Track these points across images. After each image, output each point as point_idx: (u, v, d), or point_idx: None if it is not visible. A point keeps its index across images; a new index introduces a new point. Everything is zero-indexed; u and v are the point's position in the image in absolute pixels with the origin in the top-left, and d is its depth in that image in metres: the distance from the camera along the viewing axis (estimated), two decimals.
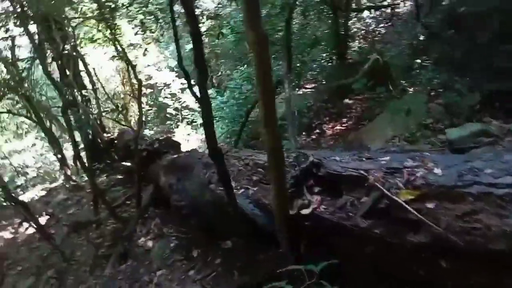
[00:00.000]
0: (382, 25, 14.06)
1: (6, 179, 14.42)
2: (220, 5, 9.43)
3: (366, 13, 14.20)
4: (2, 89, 8.37)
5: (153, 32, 9.45)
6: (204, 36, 9.97)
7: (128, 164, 9.88)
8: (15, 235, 9.49)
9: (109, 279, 5.52)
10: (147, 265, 5.51)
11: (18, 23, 7.72)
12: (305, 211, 2.81)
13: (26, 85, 9.64)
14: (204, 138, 13.87)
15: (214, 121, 12.73)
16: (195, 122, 13.28)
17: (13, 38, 8.85)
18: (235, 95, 10.94)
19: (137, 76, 6.87)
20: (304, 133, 8.54)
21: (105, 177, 10.47)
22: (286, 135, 6.79)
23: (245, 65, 10.99)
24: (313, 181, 2.95)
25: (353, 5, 12.64)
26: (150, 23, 9.13)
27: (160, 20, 8.15)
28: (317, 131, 8.59)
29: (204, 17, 9.66)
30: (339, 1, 10.79)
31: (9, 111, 9.98)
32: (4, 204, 10.45)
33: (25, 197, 13.47)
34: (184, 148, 9.85)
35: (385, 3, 14.24)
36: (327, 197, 2.86)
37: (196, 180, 4.57)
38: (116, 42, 7.31)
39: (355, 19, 13.95)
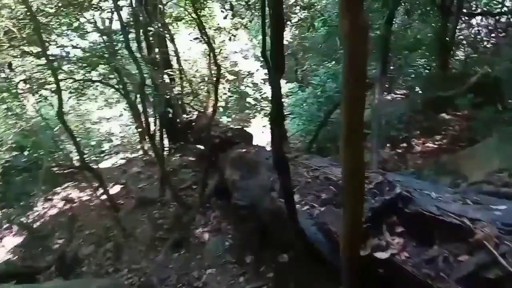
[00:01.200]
0: (494, 34, 12.27)
1: (93, 143, 15.56)
2: None
3: (477, 19, 12.50)
4: (96, 58, 8.71)
5: (242, 18, 9.19)
6: (294, 27, 9.47)
7: (200, 147, 9.89)
8: (91, 198, 10.09)
9: (160, 265, 5.43)
10: (199, 259, 5.29)
11: None
12: (380, 255, 2.21)
13: (117, 57, 10.01)
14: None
15: (291, 116, 12.19)
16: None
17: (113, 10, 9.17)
18: (317, 93, 10.33)
19: (216, 61, 6.63)
20: (388, 145, 7.69)
21: (178, 157, 10.61)
22: (367, 145, 6.09)
23: (333, 62, 10.28)
24: (397, 218, 2.34)
25: (464, 9, 11.17)
26: (240, 8, 8.89)
27: (251, 5, 7.82)
28: (404, 145, 7.67)
29: (298, 7, 9.16)
30: (450, 3, 9.53)
31: (100, 81, 10.46)
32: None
33: (108, 162, 14.40)
34: (257, 141, 9.61)
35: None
36: (412, 242, 2.24)
37: (259, 183, 4.19)
38: (200, 24, 7.12)
39: (464, 25, 12.36)
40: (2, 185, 11.24)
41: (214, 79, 7.51)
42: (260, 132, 13.13)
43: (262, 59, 12.32)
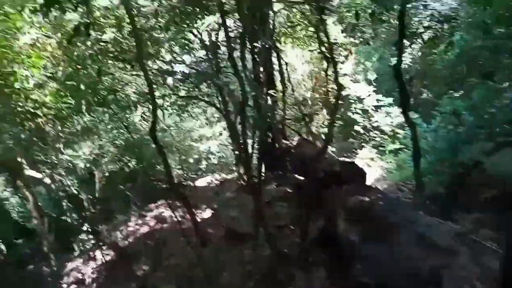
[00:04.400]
0: None
1: (191, 160, 15.49)
2: (456, 4, 7.07)
3: None
4: (199, 77, 8.22)
5: (363, 32, 7.86)
6: (425, 44, 7.89)
7: (301, 178, 8.74)
8: (182, 220, 9.60)
9: None
10: None
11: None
12: None
13: (220, 75, 9.50)
14: (389, 168, 11.70)
15: (407, 150, 10.28)
16: (384, 147, 11.23)
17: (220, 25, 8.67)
18: (447, 126, 8.46)
19: (338, 78, 5.49)
20: None
21: (274, 186, 9.58)
22: None
23: (473, 91, 8.35)
24: None
25: None
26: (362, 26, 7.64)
27: (378, 15, 6.49)
28: None
29: (432, 21, 7.55)
30: None
31: (203, 99, 10.08)
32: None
33: (203, 181, 14.09)
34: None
35: None
36: None
37: (400, 258, 2.84)
38: (324, 36, 6.06)
39: None
40: (103, 196, 11.47)
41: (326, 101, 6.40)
42: (366, 165, 11.55)
43: (374, 83, 10.74)
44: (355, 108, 11.39)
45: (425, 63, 11.24)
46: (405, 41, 10.11)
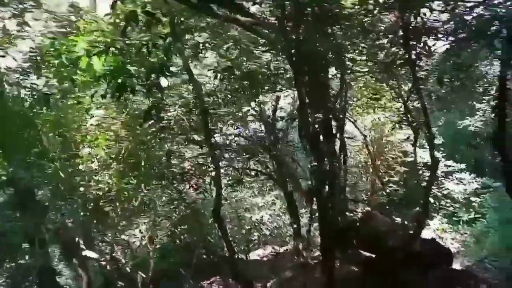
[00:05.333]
0: None
1: (243, 231, 14.92)
2: None
3: None
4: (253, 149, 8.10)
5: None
6: None
7: (371, 256, 7.92)
8: None
9: None
10: None
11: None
12: None
13: (279, 146, 9.32)
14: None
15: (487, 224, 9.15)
16: (458, 217, 10.19)
17: (277, 98, 8.66)
18: None
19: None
20: None
21: (337, 265, 8.74)
22: None
23: None
24: None
25: None
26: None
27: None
28: None
29: None
30: None
31: (257, 170, 9.87)
32: None
33: (255, 254, 13.41)
34: None
35: None
36: None
37: None
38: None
39: None
40: (162, 270, 11.10)
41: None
42: (436, 236, 10.45)
43: (442, 148, 10.03)
44: (423, 174, 10.62)
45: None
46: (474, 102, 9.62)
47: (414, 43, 5.38)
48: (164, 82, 5.51)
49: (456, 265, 6.23)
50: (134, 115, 6.75)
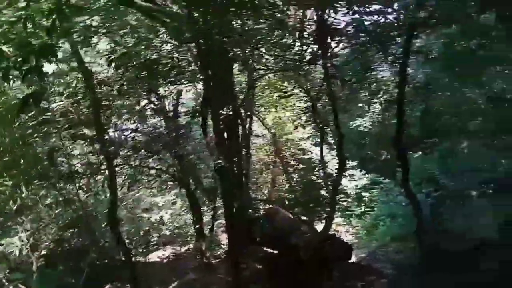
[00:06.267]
0: None
1: (141, 233, 14.05)
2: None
3: None
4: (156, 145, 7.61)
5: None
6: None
7: (274, 252, 7.98)
8: None
9: None
10: None
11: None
12: None
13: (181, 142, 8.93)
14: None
15: (371, 213, 9.96)
16: (350, 211, 10.93)
17: (178, 92, 8.25)
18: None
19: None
20: None
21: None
22: None
23: None
24: None
25: None
26: None
27: None
28: None
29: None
30: None
31: (156, 169, 9.36)
32: None
33: (155, 256, 12.73)
34: None
35: None
36: None
37: None
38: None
39: None
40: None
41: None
42: (333, 230, 11.09)
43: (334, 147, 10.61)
44: (318, 171, 11.14)
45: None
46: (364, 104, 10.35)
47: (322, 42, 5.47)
48: (47, 67, 4.72)
49: (352, 257, 6.59)
50: (12, 106, 5.75)
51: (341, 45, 5.95)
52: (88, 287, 10.17)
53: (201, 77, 6.81)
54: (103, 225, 8.96)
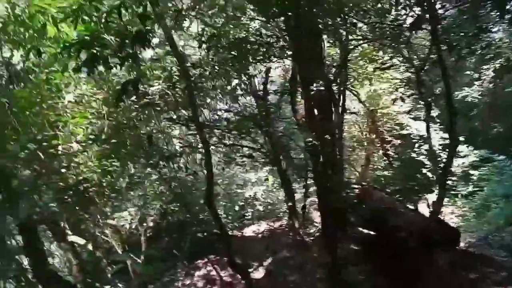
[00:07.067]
0: None
1: (236, 208, 14.59)
2: None
3: None
4: (247, 123, 7.64)
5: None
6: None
7: (371, 233, 7.61)
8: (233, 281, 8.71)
9: None
10: None
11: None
12: None
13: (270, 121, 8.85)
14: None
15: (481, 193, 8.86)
16: (456, 191, 9.85)
17: (267, 70, 8.14)
18: None
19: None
20: None
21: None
22: None
23: None
24: None
25: None
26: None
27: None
28: None
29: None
30: None
31: (251, 147, 9.42)
32: None
33: (249, 230, 13.14)
34: None
35: None
36: None
37: None
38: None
39: None
40: (149, 252, 10.73)
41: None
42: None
43: (438, 120, 9.62)
44: (419, 148, 10.23)
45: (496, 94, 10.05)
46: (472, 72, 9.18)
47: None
48: (144, 53, 4.94)
49: (459, 243, 5.92)
50: (116, 91, 6.22)
51: (447, 4, 5.19)
52: (190, 258, 10.96)
53: (289, 53, 6.60)
54: (201, 201, 9.39)
